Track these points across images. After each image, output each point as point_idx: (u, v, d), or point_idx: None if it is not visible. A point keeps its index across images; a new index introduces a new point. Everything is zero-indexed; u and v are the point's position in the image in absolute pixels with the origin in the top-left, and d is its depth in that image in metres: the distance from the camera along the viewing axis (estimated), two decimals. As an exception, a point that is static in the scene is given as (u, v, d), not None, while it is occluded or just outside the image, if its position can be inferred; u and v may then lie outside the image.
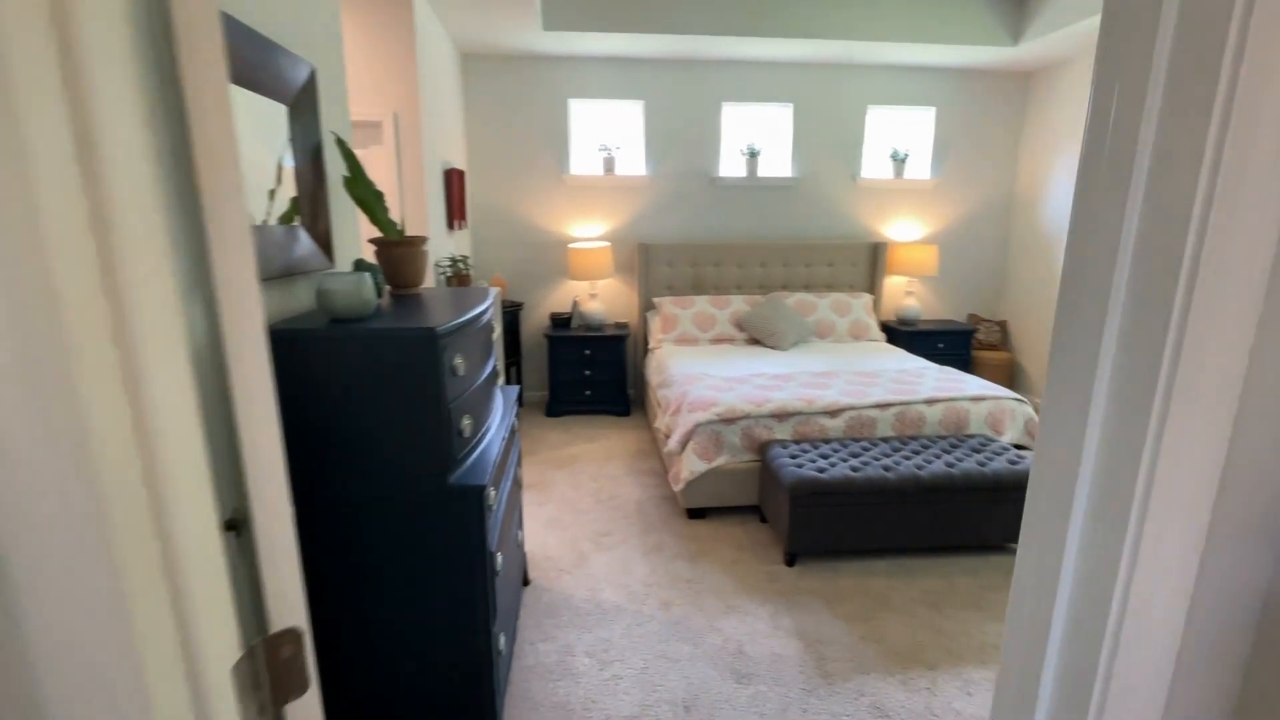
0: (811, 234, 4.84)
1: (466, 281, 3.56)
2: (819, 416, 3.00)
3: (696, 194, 4.69)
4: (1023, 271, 4.88)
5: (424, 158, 3.22)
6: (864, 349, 4.24)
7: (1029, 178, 4.79)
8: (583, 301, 4.63)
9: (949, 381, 3.33)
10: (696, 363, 3.82)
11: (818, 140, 4.68)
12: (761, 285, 4.78)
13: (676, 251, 4.65)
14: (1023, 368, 4.90)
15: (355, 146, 2.04)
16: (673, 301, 4.52)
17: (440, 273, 3.51)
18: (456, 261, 3.60)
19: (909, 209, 4.88)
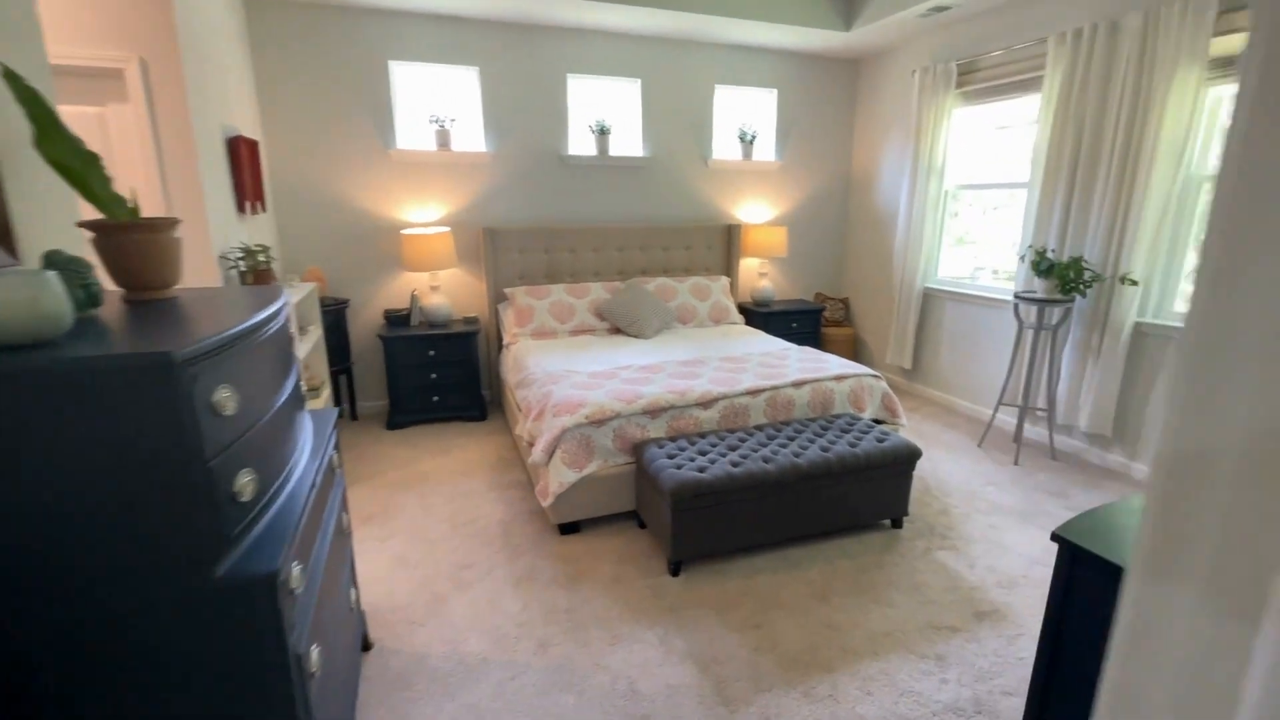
0: (667, 217, 4.70)
1: (268, 278, 2.90)
2: (692, 409, 2.82)
3: (545, 173, 4.31)
4: (861, 251, 5.15)
5: (193, 121, 2.52)
6: (726, 333, 4.18)
7: (863, 161, 5.04)
8: (423, 295, 4.08)
9: (811, 362, 3.34)
10: (557, 357, 3.49)
11: (668, 119, 4.52)
12: (620, 271, 4.55)
13: (527, 237, 4.25)
14: (864, 341, 5.19)
15: (89, 102, 1.44)
16: (526, 291, 4.13)
17: (229, 268, 2.82)
18: (252, 253, 2.92)
19: (758, 191, 4.92)
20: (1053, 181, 3.48)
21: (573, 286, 4.24)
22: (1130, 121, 3.07)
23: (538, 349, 3.72)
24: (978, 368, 4.16)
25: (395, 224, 4.05)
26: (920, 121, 4.27)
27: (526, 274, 4.32)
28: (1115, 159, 3.13)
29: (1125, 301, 3.15)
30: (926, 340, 4.55)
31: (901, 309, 4.59)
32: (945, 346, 4.40)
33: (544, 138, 4.25)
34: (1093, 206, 3.29)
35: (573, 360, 3.45)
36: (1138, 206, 3.06)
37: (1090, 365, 3.36)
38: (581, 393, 2.80)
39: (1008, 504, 2.98)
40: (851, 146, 5.12)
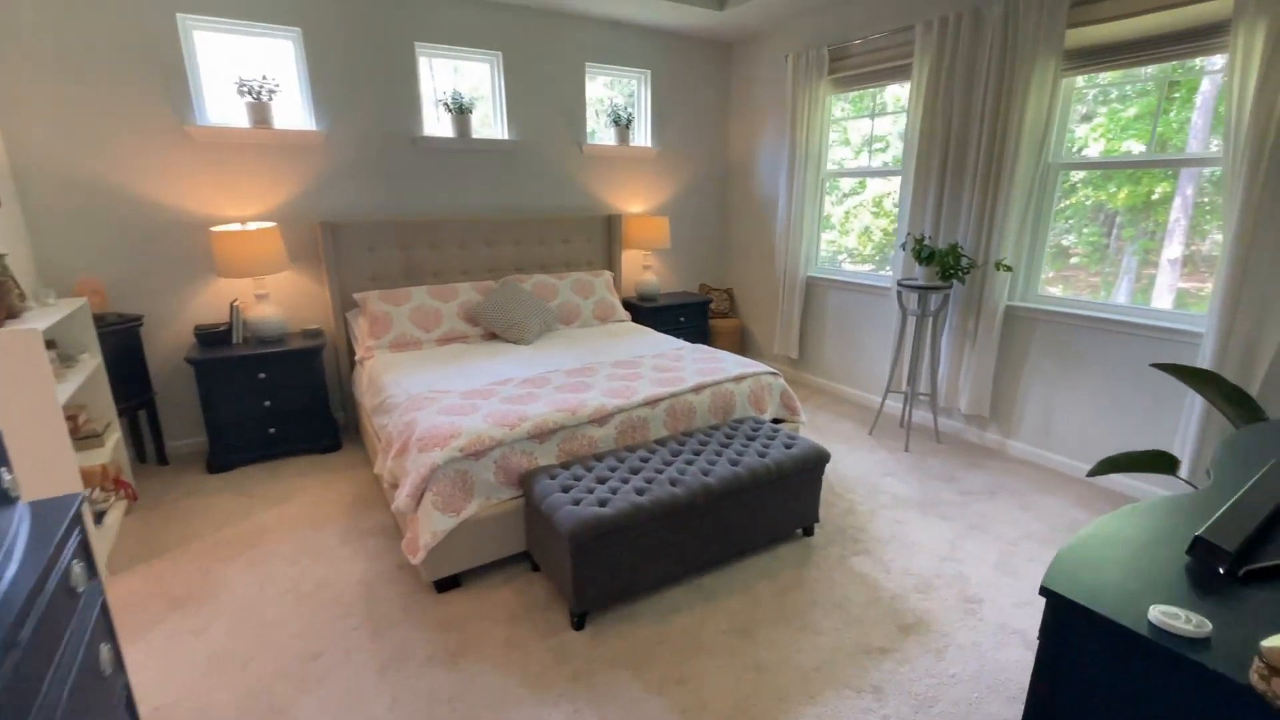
0: (542, 207, 4.28)
1: (2, 294, 2.13)
2: (586, 428, 2.48)
3: (396, 158, 3.72)
4: (743, 240, 5.06)
5: None
6: (613, 332, 3.88)
7: (740, 148, 4.93)
8: (247, 306, 3.35)
9: (707, 362, 3.12)
10: (423, 374, 2.99)
11: (535, 99, 4.09)
12: (492, 269, 4.07)
13: (379, 231, 3.65)
14: (751, 332, 5.13)
15: None
16: (381, 296, 3.54)
17: None
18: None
19: (637, 179, 4.64)
20: (925, 170, 3.52)
21: (438, 288, 3.70)
22: (995, 110, 3.14)
23: (398, 364, 3.18)
24: (863, 355, 4.20)
25: (203, 219, 3.27)
26: (795, 107, 4.20)
27: (380, 275, 3.71)
28: (983, 147, 3.20)
29: (997, 286, 3.25)
30: (811, 329, 4.54)
31: (786, 299, 4.55)
32: (830, 335, 4.41)
33: (391, 116, 3.65)
34: (964, 194, 3.36)
35: (442, 377, 2.96)
36: (1005, 194, 3.14)
37: (968, 349, 3.46)
38: (453, 419, 2.35)
39: (906, 494, 2.96)
40: (728, 133, 5.00)
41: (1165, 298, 2.88)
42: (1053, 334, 3.17)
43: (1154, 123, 2.85)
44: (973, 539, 2.59)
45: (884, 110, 4.02)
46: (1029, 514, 2.78)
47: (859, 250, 4.38)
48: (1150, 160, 2.82)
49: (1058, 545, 2.53)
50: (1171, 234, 2.86)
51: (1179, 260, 2.85)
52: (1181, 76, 2.77)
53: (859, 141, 4.24)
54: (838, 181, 4.36)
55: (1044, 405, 3.25)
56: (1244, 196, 2.37)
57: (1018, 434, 3.38)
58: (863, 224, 4.33)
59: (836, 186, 4.39)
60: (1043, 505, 2.86)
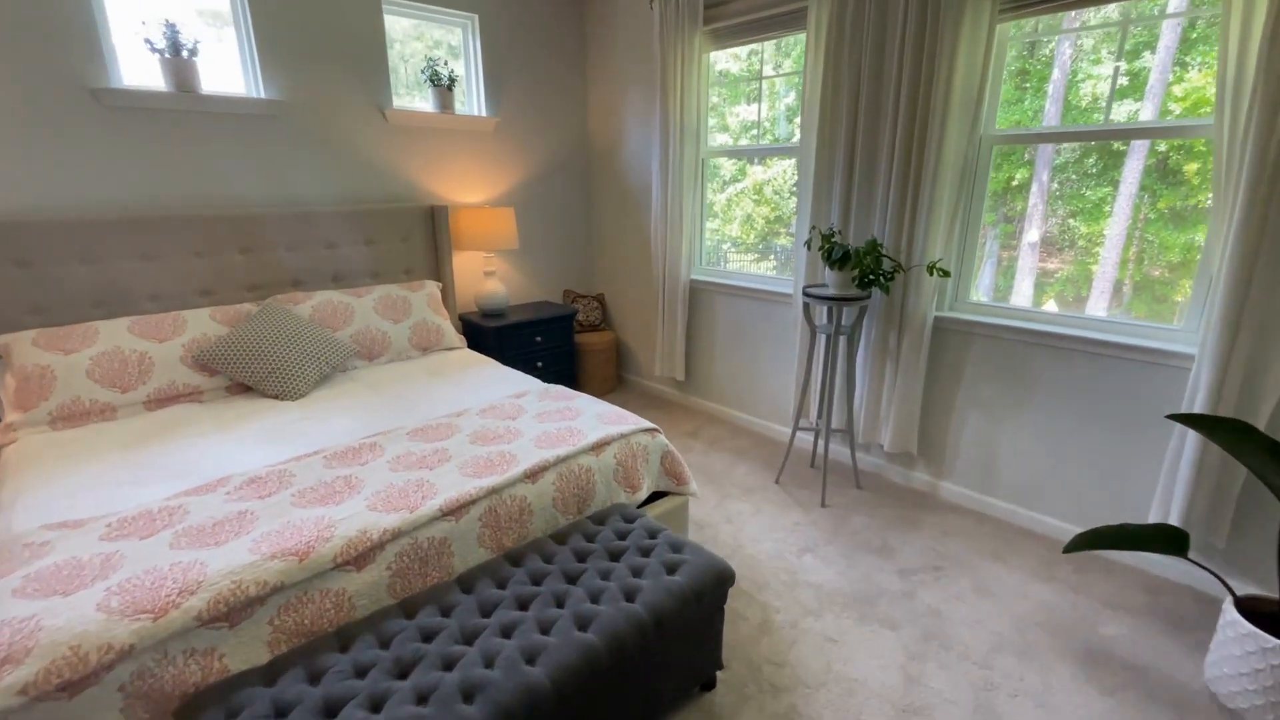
0: (328, 196, 3.09)
1: None
2: (331, 578, 1.44)
3: (60, 121, 2.40)
4: (613, 235, 4.13)
5: None
6: (437, 368, 2.81)
7: (602, 120, 3.98)
8: None
9: (557, 417, 2.17)
10: (77, 476, 1.79)
11: (308, 42, 2.89)
12: (255, 286, 2.84)
13: (41, 236, 2.32)
14: (629, 348, 4.24)
15: None
16: (40, 339, 2.25)
17: None
18: None
19: (470, 159, 3.56)
20: (829, 147, 2.76)
21: (147, 320, 2.45)
22: (915, 68, 2.41)
23: (46, 455, 1.94)
24: (763, 376, 3.43)
25: None
26: (665, 68, 3.31)
27: (47, 306, 2.39)
28: (902, 116, 2.47)
29: (924, 293, 2.56)
30: (700, 345, 3.72)
31: (667, 308, 3.69)
32: (723, 351, 3.61)
33: (46, 53, 2.32)
34: (879, 176, 2.63)
35: (113, 479, 1.78)
36: (930, 175, 2.44)
37: (889, 372, 2.76)
38: (33, 609, 1.22)
39: (834, 584, 2.19)
40: (588, 101, 4.03)
41: (1027, 281, 2.44)
42: (992, 352, 2.53)
43: (1113, 80, 2.24)
44: (932, 661, 1.84)
45: (779, 70, 3.23)
46: (990, 602, 2.10)
47: (743, 239, 3.60)
48: (1117, 130, 2.20)
49: (1037, 658, 1.85)
50: (1030, 219, 2.43)
51: (1037, 244, 2.44)
52: (1143, 21, 2.17)
53: (748, 116, 3.43)
54: (718, 165, 3.55)
55: (983, 440, 2.61)
56: (1252, 176, 1.77)
57: (951, 474, 2.74)
58: (746, 211, 3.55)
59: (717, 172, 3.58)
60: (1001, 585, 2.19)
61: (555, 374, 3.68)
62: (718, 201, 3.58)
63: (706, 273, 3.65)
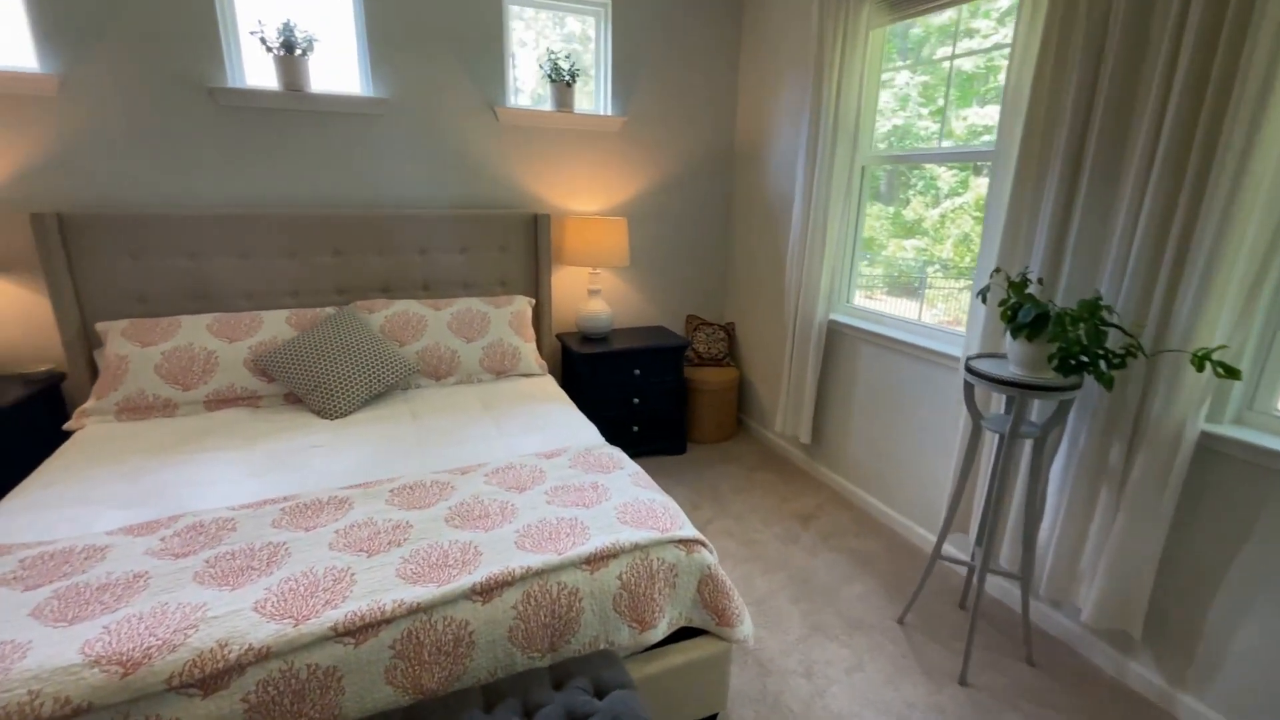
0: (426, 199, 2.92)
1: None
2: (165, 701, 1.10)
3: (180, 119, 2.48)
4: (749, 254, 3.48)
5: None
6: (493, 400, 2.47)
7: (753, 122, 3.35)
8: (-89, 338, 2.22)
9: (568, 501, 1.66)
10: (79, 485, 1.72)
11: (422, 38, 2.73)
12: (343, 290, 2.77)
13: (149, 230, 2.42)
14: (755, 391, 3.55)
15: None
16: (129, 329, 2.32)
17: None
18: None
19: (589, 163, 3.18)
20: (1040, 154, 1.85)
21: (228, 318, 2.44)
22: (1206, 40, 1.44)
23: (85, 452, 1.94)
24: (912, 460, 2.55)
25: None
26: (821, 46, 2.59)
27: (152, 296, 2.49)
28: (1174, 113, 1.50)
29: (1184, 395, 1.55)
30: (834, 402, 2.92)
31: (797, 352, 2.95)
32: (863, 417, 2.78)
33: (173, 54, 2.41)
34: (1120, 202, 1.67)
35: (82, 495, 1.68)
36: (1218, 209, 1.44)
37: (1106, 505, 1.76)
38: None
39: (944, 844, 1.37)
40: (738, 99, 3.43)
41: None
42: (1314, 511, 1.44)
43: None
44: None
45: (974, 52, 2.33)
46: None
47: (955, 263, 2.71)
48: None
49: None
50: None
51: None
52: None
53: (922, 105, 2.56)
54: (881, 171, 2.71)
55: (1271, 629, 1.53)
56: None
57: (1203, 683, 1.67)
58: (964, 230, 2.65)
59: (882, 178, 2.74)
60: None
61: (654, 415, 3.16)
62: (928, 218, 2.71)
63: (850, 313, 2.84)
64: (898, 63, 2.58)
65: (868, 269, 2.81)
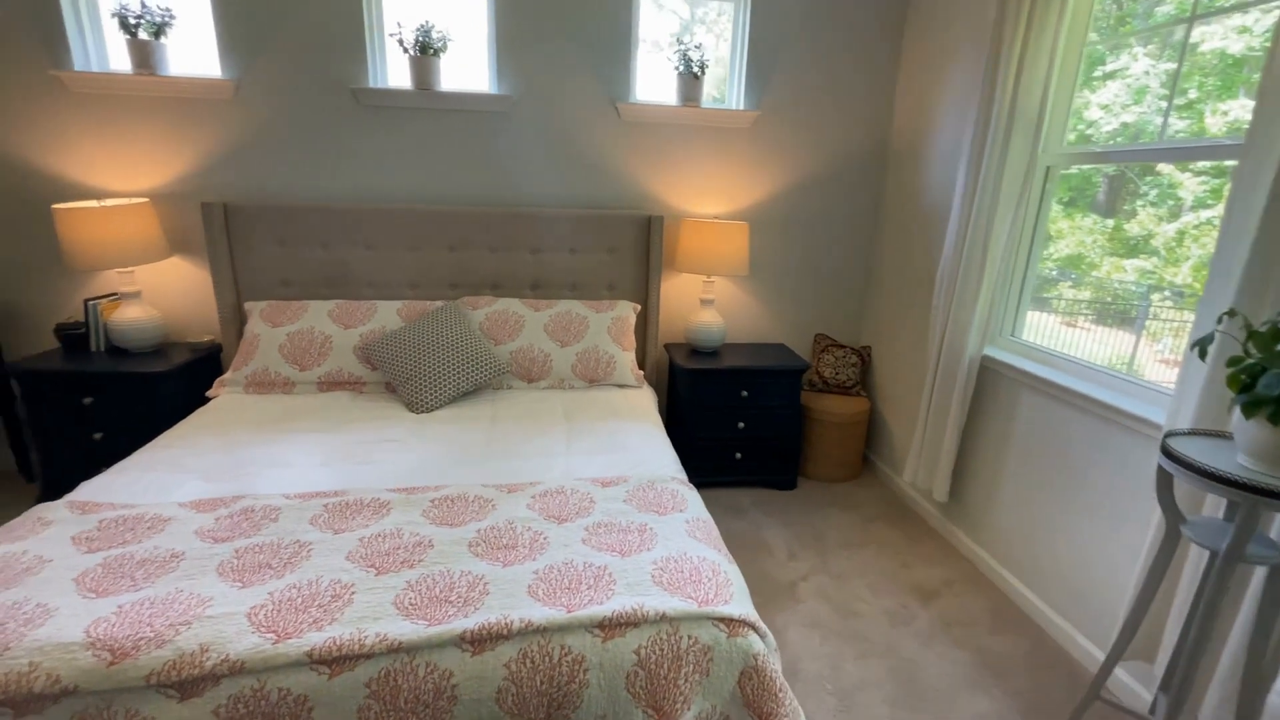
0: (541, 197, 2.87)
1: None
2: (144, 697, 1.08)
3: (327, 119, 2.66)
4: (895, 269, 2.99)
5: None
6: (579, 409, 2.33)
7: (911, 111, 2.86)
8: (112, 307, 2.62)
9: (605, 543, 1.46)
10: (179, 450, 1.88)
11: (549, 33, 2.67)
12: (454, 284, 2.82)
13: (293, 220, 2.64)
14: (888, 428, 3.05)
15: None
16: (266, 311, 2.55)
17: None
18: None
19: (711, 161, 2.93)
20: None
21: (345, 306, 2.58)
22: None
23: (212, 419, 2.13)
24: (1080, 547, 1.97)
25: (88, 192, 2.60)
26: (1003, 20, 2.08)
27: (294, 280, 2.71)
28: None
29: None
30: (981, 457, 2.38)
31: (938, 390, 2.44)
32: (1017, 480, 2.22)
33: (324, 60, 2.59)
34: None
35: (177, 462, 1.82)
36: None
37: (1392, 681, 1.15)
38: None
39: None
40: (896, 81, 2.95)
41: None
42: None
43: None
44: None
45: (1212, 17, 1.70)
46: None
47: (1190, 289, 2.08)
48: None
49: None
50: None
51: None
52: None
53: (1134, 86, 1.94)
54: (1069, 172, 2.11)
55: None
56: None
57: None
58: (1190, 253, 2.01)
59: (1071, 183, 2.14)
60: None
61: (762, 443, 2.83)
62: (1160, 234, 2.10)
63: (1012, 349, 2.27)
64: (1114, 37, 1.99)
65: (1071, 291, 2.21)
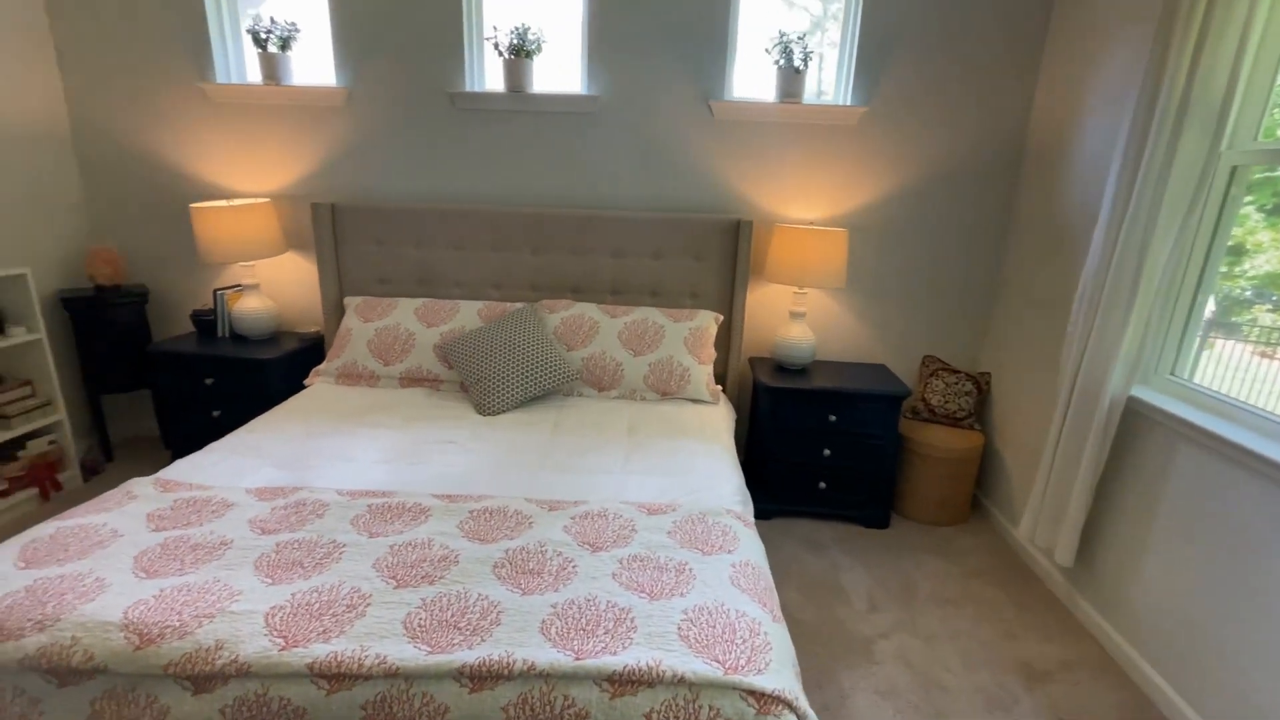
0: (624, 199, 2.78)
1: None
2: (161, 685, 1.11)
3: (426, 122, 2.75)
4: (1024, 286, 2.58)
5: None
6: (644, 424, 2.22)
7: (1054, 105, 2.45)
8: (236, 297, 2.87)
9: (635, 582, 1.33)
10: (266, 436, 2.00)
11: (642, 29, 2.58)
12: (536, 286, 2.80)
13: (389, 220, 2.76)
14: (1003, 464, 2.65)
15: None
16: (360, 307, 2.68)
17: None
18: None
19: (811, 162, 2.69)
20: None
21: (431, 304, 2.65)
22: None
23: (303, 406, 2.26)
24: (1248, 646, 1.55)
25: (220, 192, 2.88)
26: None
27: (390, 278, 2.83)
28: None
29: None
30: (1119, 517, 1.96)
31: (1067, 434, 2.04)
32: (1165, 550, 1.80)
33: (426, 65, 2.67)
34: None
35: (260, 448, 1.92)
36: None
37: None
38: None
39: None
40: (1039, 72, 2.55)
41: None
42: None
43: None
44: None
45: None
46: None
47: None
48: None
49: None
50: None
51: None
52: None
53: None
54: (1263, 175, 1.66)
55: None
56: None
57: None
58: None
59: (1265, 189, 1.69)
60: None
61: (851, 473, 2.55)
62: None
63: (1171, 391, 1.85)
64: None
65: (1271, 316, 1.77)
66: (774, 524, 2.61)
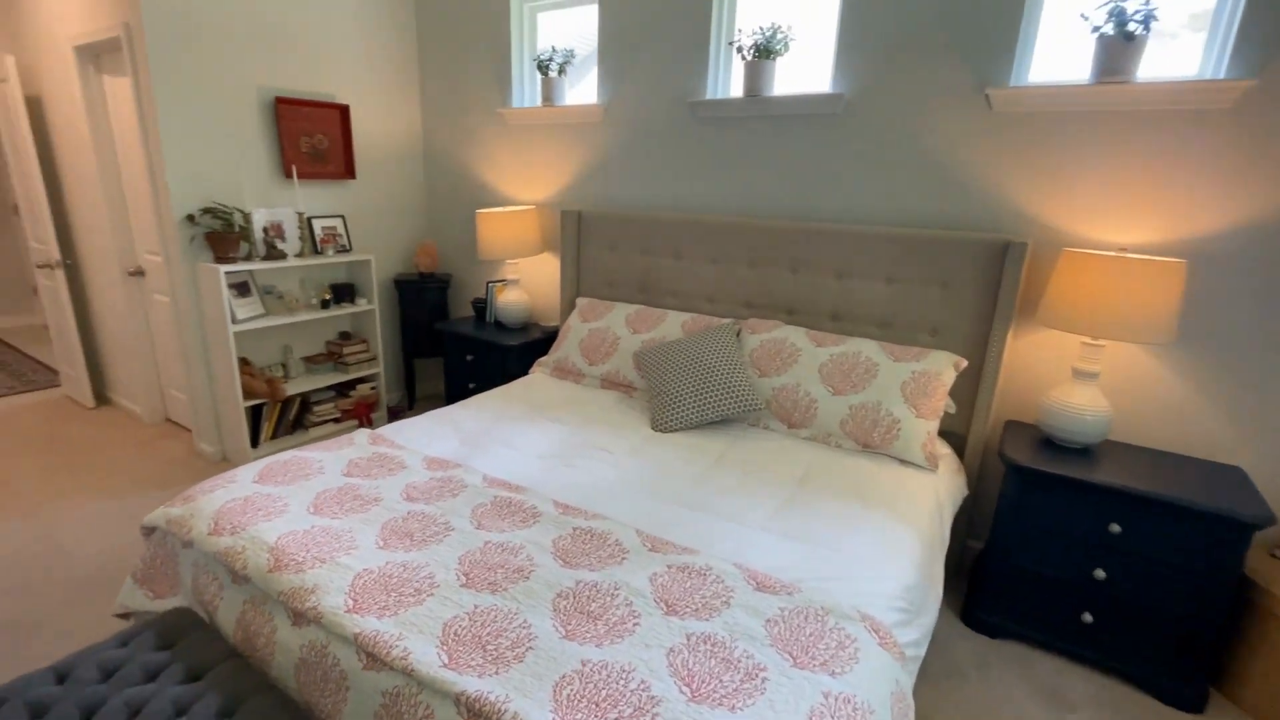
0: (862, 210, 2.37)
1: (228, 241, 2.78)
2: (272, 609, 1.31)
3: (666, 133, 2.77)
4: None
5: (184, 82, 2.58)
6: (825, 479, 1.87)
7: None
8: (501, 290, 3.34)
9: (693, 666, 1.09)
10: (465, 414, 2.27)
11: (907, 14, 2.16)
12: (750, 303, 2.61)
13: (621, 228, 2.87)
14: None
15: None
16: (583, 310, 2.85)
17: (270, 240, 2.85)
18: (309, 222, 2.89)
19: (1130, 165, 1.90)
20: None
21: (641, 312, 2.68)
22: None
23: (514, 394, 2.52)
24: None
25: (500, 200, 3.38)
26: None
27: (617, 282, 2.96)
28: None
29: None
30: None
31: None
32: None
33: (671, 77, 2.70)
34: None
35: (462, 426, 2.17)
36: None
37: None
38: (239, 481, 1.67)
39: None
40: None
41: None
42: None
43: None
44: None
45: None
46: None
47: None
48: None
49: None
50: None
51: None
52: None
53: None
54: None
55: None
56: None
57: None
58: None
59: None
60: None
61: (1140, 612, 1.74)
62: None
63: None
64: None
65: None
66: (1002, 647, 1.95)
